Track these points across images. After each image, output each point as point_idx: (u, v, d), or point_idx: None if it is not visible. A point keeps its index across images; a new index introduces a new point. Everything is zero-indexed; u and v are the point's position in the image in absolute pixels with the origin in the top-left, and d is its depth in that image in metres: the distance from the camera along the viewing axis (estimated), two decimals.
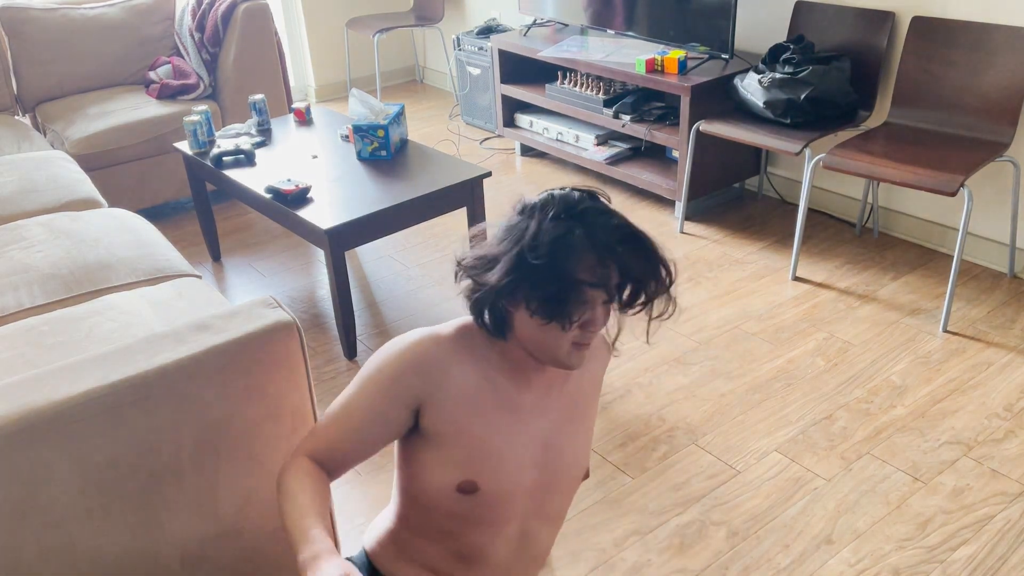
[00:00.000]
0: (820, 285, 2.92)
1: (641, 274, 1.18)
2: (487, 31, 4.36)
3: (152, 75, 3.78)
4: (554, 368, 1.30)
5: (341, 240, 2.50)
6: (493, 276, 1.18)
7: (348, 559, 1.42)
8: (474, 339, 1.28)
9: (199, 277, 2.25)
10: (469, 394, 1.27)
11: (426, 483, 1.29)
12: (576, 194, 1.19)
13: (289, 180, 2.66)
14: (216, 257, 3.34)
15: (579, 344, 1.21)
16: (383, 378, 1.24)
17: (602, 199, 1.21)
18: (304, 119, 3.30)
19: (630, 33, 3.58)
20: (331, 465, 1.27)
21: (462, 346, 1.27)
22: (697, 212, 3.50)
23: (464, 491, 1.27)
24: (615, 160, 3.69)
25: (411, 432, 1.29)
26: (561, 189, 1.20)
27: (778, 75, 2.96)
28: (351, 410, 1.25)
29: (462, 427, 1.26)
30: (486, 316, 1.23)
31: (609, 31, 3.68)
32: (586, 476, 1.43)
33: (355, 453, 1.26)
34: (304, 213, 2.54)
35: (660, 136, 3.39)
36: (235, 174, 2.84)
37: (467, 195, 2.74)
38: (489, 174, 2.76)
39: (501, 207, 3.64)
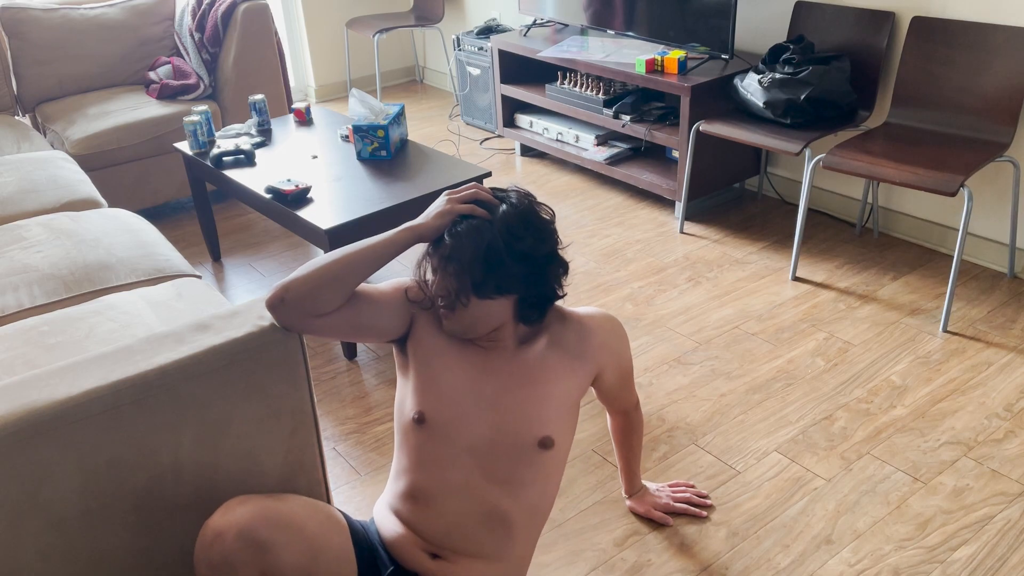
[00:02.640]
0: (820, 285, 2.92)
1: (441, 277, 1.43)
2: (487, 31, 4.36)
3: (152, 75, 3.78)
4: (498, 335, 1.50)
5: (341, 240, 2.50)
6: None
7: (362, 524, 1.55)
8: None
9: (199, 277, 2.25)
10: (436, 337, 1.50)
11: (401, 414, 1.51)
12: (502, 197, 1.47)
13: (289, 180, 2.66)
14: (216, 257, 3.34)
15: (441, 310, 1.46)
16: (392, 283, 1.53)
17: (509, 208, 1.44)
18: (304, 119, 3.30)
19: (630, 33, 3.58)
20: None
21: None
22: (697, 212, 3.50)
23: (417, 421, 1.47)
24: (615, 160, 3.69)
25: (403, 358, 1.54)
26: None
27: (778, 75, 2.96)
28: (374, 286, 1.52)
29: (426, 358, 1.49)
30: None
31: (609, 31, 3.68)
32: (548, 446, 1.49)
33: (362, 301, 1.47)
34: (304, 213, 2.55)
35: (660, 136, 3.39)
36: (235, 174, 2.84)
37: None
38: (489, 174, 2.76)
39: None
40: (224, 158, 2.91)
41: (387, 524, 1.53)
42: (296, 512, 1.37)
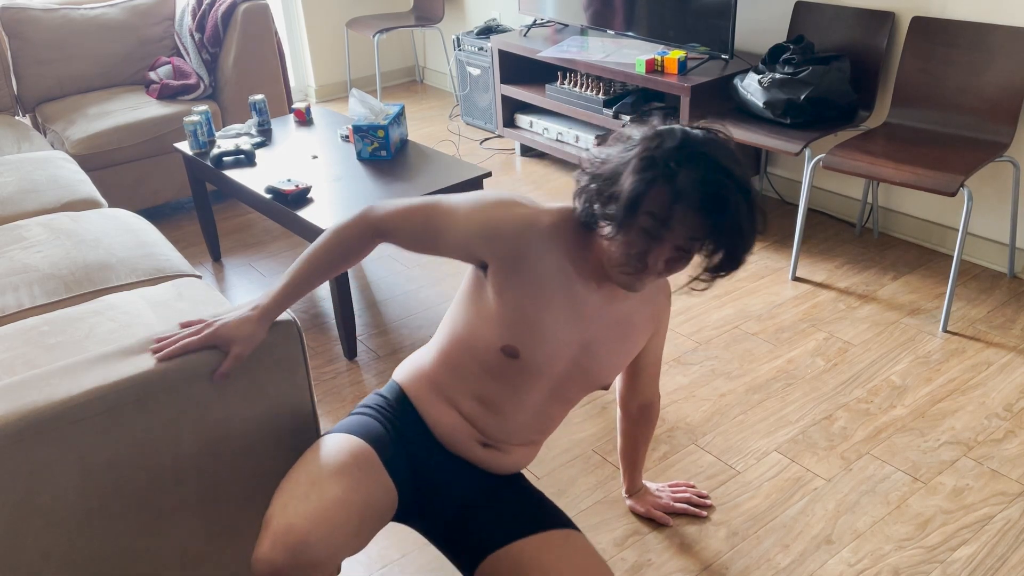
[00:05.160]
0: (820, 285, 2.92)
1: (718, 244, 1.26)
2: (487, 31, 4.36)
3: (152, 75, 3.78)
4: (617, 285, 1.38)
5: None
6: (601, 176, 1.30)
7: (380, 394, 1.58)
8: (567, 228, 1.40)
9: (199, 277, 2.25)
10: (539, 274, 1.39)
11: (478, 333, 1.43)
12: (700, 136, 1.25)
13: (289, 180, 2.66)
14: (216, 257, 3.35)
15: (640, 274, 1.31)
16: (473, 223, 1.40)
17: (722, 146, 1.26)
18: (304, 119, 3.30)
19: (630, 33, 3.58)
20: (390, 237, 1.46)
21: (553, 232, 1.39)
22: None
23: (506, 354, 1.41)
24: None
25: (482, 279, 1.44)
26: (688, 128, 1.27)
27: (778, 75, 2.96)
28: (438, 212, 1.43)
29: (522, 298, 1.39)
30: (583, 206, 1.35)
31: (609, 31, 3.68)
32: (607, 388, 1.57)
33: (414, 239, 1.45)
34: (304, 213, 2.55)
35: None
36: (235, 174, 2.84)
37: None
38: (489, 174, 2.76)
39: None
40: (224, 158, 2.91)
41: (442, 414, 1.51)
42: (338, 500, 1.30)
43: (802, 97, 2.90)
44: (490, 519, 1.51)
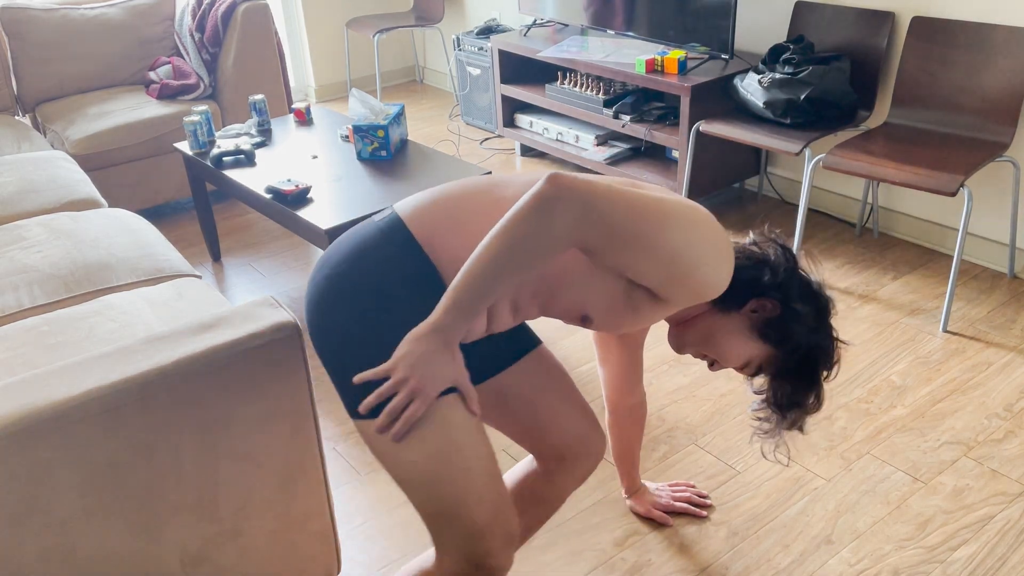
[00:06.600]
0: None
1: (785, 403, 1.46)
2: (487, 31, 4.36)
3: (152, 75, 3.78)
4: (670, 338, 1.51)
5: None
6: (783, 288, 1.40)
7: (404, 272, 1.30)
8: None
9: (199, 277, 2.25)
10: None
11: (579, 294, 1.36)
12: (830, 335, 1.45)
13: (289, 180, 2.66)
14: (216, 257, 3.35)
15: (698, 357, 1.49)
16: (685, 279, 1.26)
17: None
18: (304, 119, 3.30)
19: (630, 33, 3.58)
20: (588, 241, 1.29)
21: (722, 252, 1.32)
22: None
23: (581, 319, 1.40)
24: (615, 160, 3.69)
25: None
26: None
27: (778, 75, 2.96)
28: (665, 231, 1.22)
29: (645, 315, 1.38)
30: (745, 290, 1.41)
31: (609, 31, 3.68)
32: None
33: (613, 245, 1.27)
34: (304, 213, 2.55)
35: (660, 136, 3.39)
36: (235, 174, 2.84)
37: None
38: (489, 174, 2.76)
39: None
40: (224, 158, 2.91)
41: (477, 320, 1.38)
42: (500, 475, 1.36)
43: (802, 97, 2.90)
44: (472, 364, 1.55)
